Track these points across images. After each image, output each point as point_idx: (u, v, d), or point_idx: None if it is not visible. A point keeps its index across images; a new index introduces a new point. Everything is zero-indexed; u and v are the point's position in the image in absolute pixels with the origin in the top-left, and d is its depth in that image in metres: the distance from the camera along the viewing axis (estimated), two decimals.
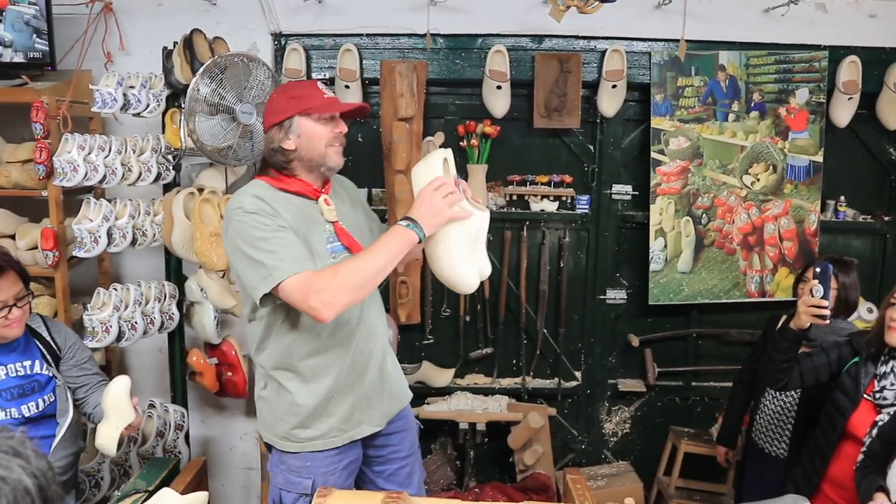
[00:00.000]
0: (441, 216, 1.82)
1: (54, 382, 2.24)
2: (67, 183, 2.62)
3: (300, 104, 1.91)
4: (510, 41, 3.22)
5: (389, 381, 2.11)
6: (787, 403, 2.68)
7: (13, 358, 2.17)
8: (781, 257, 3.38)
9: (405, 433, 2.18)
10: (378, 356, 2.07)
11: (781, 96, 3.29)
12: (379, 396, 2.07)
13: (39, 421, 2.20)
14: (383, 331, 2.12)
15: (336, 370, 1.97)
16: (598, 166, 3.40)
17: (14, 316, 2.09)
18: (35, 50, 2.83)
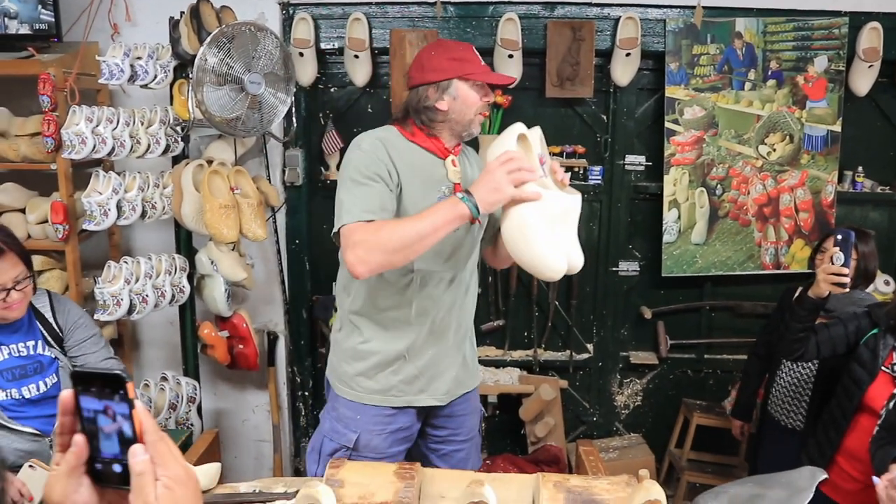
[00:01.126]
0: (500, 193, 1.65)
1: (57, 364, 2.21)
2: (76, 156, 2.60)
3: (462, 68, 1.87)
4: (522, 9, 3.16)
5: (464, 361, 2.10)
6: (804, 375, 2.65)
7: (15, 338, 2.15)
8: (797, 229, 3.34)
9: (466, 417, 2.15)
10: (460, 332, 2.06)
11: (799, 64, 3.22)
12: (449, 371, 2.05)
13: (42, 402, 2.18)
14: (470, 309, 2.10)
15: (415, 331, 1.98)
16: (610, 136, 3.35)
17: (13, 299, 2.05)
18: (41, 21, 2.80)
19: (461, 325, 2.06)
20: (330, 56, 3.26)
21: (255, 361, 3.15)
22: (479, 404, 2.25)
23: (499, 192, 1.65)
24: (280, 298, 3.38)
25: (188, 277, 2.96)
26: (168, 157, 2.90)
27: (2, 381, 2.11)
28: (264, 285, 3.33)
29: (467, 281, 2.05)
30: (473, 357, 2.16)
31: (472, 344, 2.16)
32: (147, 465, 0.76)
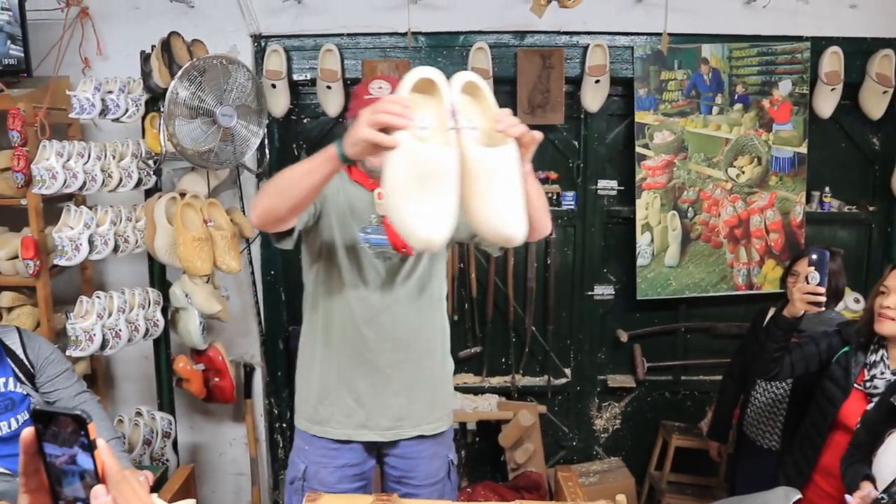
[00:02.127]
0: (356, 133, 1.45)
1: (29, 400, 2.17)
2: (46, 191, 2.58)
3: (352, 109, 1.92)
4: (492, 38, 3.20)
5: (412, 398, 2.01)
6: (778, 395, 2.68)
7: None
8: (768, 249, 3.38)
9: (422, 461, 2.06)
10: (403, 367, 1.99)
11: (765, 88, 3.29)
12: (390, 406, 2.00)
13: (13, 440, 2.12)
14: (419, 345, 2.00)
15: (335, 363, 1.98)
16: (583, 162, 3.38)
17: None
18: (10, 56, 2.79)
19: (405, 360, 1.98)
20: (302, 87, 3.28)
21: (232, 394, 3.12)
22: (449, 452, 2.12)
23: (355, 133, 1.47)
24: (256, 330, 3.36)
25: (162, 311, 2.94)
26: (140, 190, 2.88)
27: None
28: (240, 317, 3.31)
29: (413, 315, 1.97)
30: (433, 399, 2.05)
31: (433, 384, 2.05)
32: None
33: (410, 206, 1.46)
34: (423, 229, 1.46)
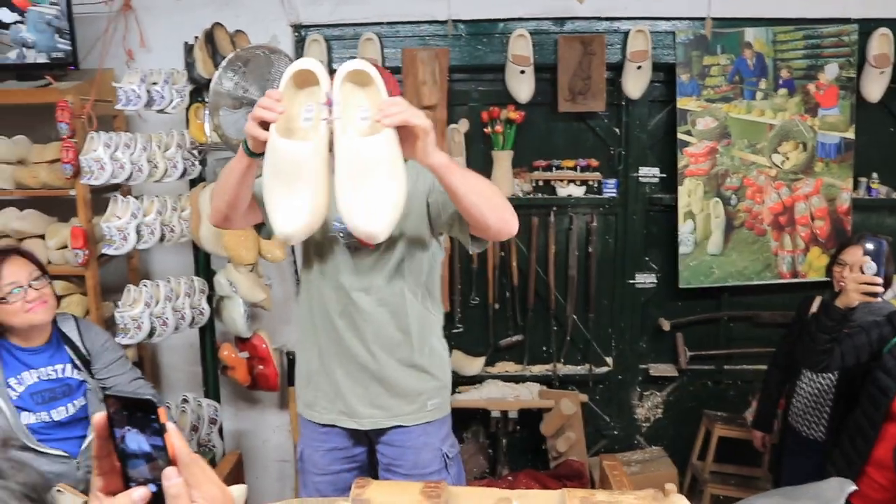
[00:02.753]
0: (245, 128, 1.55)
1: (85, 386, 2.25)
2: (94, 181, 2.63)
3: None
4: (532, 25, 3.18)
5: (388, 388, 2.00)
6: (825, 385, 2.63)
7: (44, 361, 2.19)
8: (813, 237, 3.32)
9: (407, 450, 2.03)
10: (377, 357, 1.97)
11: (810, 72, 3.22)
12: (364, 395, 2.00)
13: (70, 424, 2.21)
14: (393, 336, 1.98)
15: (316, 348, 2.00)
16: (624, 149, 3.35)
17: (32, 297, 2.09)
18: (58, 50, 2.84)
19: (378, 350, 1.97)
20: None
21: (276, 382, 3.16)
22: (442, 445, 2.07)
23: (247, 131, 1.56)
24: None
25: (207, 299, 2.98)
26: (185, 180, 2.92)
27: (32, 404, 2.13)
28: (282, 305, 3.34)
29: (385, 305, 1.95)
30: (412, 390, 2.01)
31: (412, 375, 2.01)
32: (181, 487, 0.77)
33: (272, 199, 1.52)
34: (279, 223, 1.52)
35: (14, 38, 2.81)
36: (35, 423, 2.14)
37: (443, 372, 2.08)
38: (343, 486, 2.00)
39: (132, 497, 0.78)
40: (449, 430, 2.12)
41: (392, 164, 1.50)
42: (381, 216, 1.49)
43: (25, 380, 2.14)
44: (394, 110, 1.49)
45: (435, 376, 2.05)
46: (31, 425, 2.13)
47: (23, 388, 2.14)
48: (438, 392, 2.07)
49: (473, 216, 1.69)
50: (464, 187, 1.63)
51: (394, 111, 1.49)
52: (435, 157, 1.57)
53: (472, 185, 1.66)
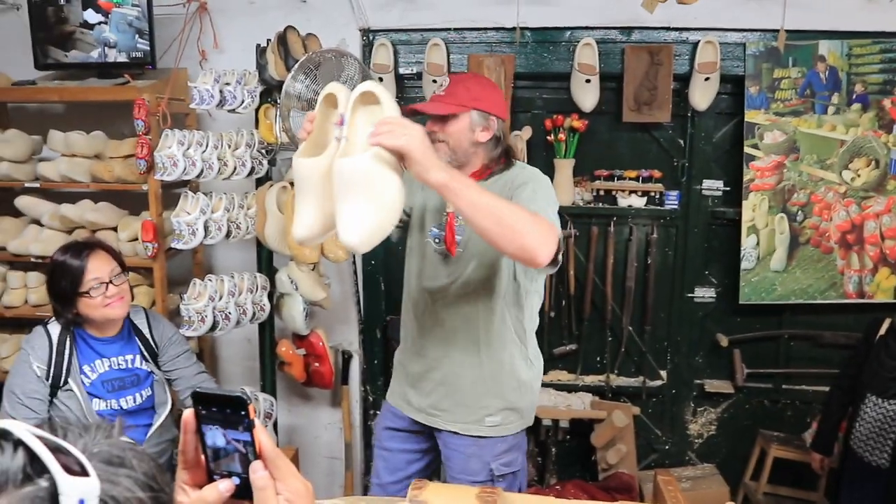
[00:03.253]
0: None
1: (152, 377, 2.33)
2: (168, 177, 2.71)
3: None
4: (599, 34, 3.16)
5: (453, 393, 2.12)
6: (891, 411, 2.56)
7: (115, 351, 2.27)
8: (882, 257, 3.23)
9: (458, 454, 2.16)
10: (445, 359, 2.11)
11: (886, 87, 3.14)
12: (426, 391, 2.17)
13: (137, 413, 2.30)
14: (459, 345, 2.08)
15: (405, 339, 2.25)
16: (688, 161, 3.31)
17: (112, 293, 2.17)
18: (137, 50, 2.94)
19: (446, 355, 2.10)
20: (408, 80, 3.32)
21: (331, 379, 3.21)
22: (492, 461, 2.13)
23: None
24: (355, 318, 3.43)
25: (268, 296, 3.04)
26: (252, 178, 2.99)
27: (103, 391, 2.21)
28: (340, 305, 3.39)
29: (459, 314, 2.05)
30: (474, 401, 2.10)
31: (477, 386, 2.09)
32: (268, 480, 0.80)
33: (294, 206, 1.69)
34: (293, 229, 1.68)
35: (97, 37, 2.92)
36: (104, 409, 2.22)
37: (515, 394, 2.13)
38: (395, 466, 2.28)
39: (219, 489, 0.81)
40: (509, 449, 2.16)
41: (368, 184, 1.53)
42: (355, 232, 1.53)
43: (98, 368, 2.23)
44: (383, 129, 1.53)
45: (501, 395, 2.11)
46: (100, 411, 2.21)
47: (95, 375, 2.22)
48: (501, 412, 2.12)
49: (487, 239, 1.69)
50: (469, 209, 1.62)
51: (377, 132, 1.53)
52: (431, 176, 1.57)
53: (482, 206, 1.63)
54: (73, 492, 0.54)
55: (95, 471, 0.58)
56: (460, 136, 1.98)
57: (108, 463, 0.61)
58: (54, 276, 2.17)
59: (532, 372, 2.17)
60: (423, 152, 1.54)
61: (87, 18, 2.91)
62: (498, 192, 1.87)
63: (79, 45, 2.98)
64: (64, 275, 2.14)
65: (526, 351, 2.15)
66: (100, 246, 2.21)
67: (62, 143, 2.99)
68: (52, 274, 2.18)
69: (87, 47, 2.96)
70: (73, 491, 0.54)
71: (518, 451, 2.20)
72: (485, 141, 2.00)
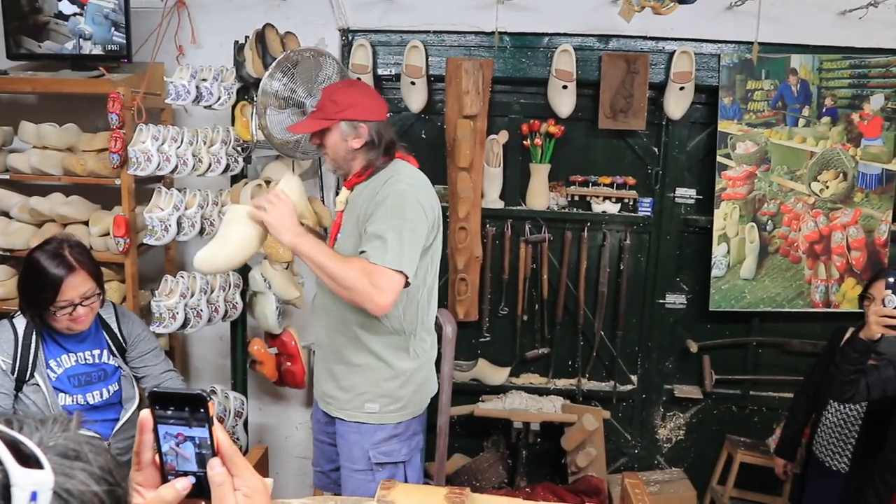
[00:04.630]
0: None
1: (120, 372, 2.30)
2: (141, 172, 2.68)
3: None
4: (577, 41, 3.19)
5: (332, 379, 2.29)
6: (851, 416, 2.62)
7: (83, 347, 2.24)
8: (849, 267, 3.30)
9: (342, 440, 2.30)
10: (329, 348, 2.29)
11: (855, 102, 3.21)
12: (321, 379, 2.35)
13: (104, 408, 2.27)
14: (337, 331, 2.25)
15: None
16: (661, 169, 3.35)
17: (79, 314, 2.13)
18: (112, 43, 2.91)
19: (330, 343, 2.28)
20: (386, 82, 3.32)
21: (303, 379, 3.19)
22: (371, 449, 2.24)
23: None
24: None
25: (241, 294, 3.02)
26: (227, 176, 2.97)
27: (69, 386, 2.19)
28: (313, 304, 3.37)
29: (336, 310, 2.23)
30: (352, 389, 2.25)
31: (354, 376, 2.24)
32: (226, 476, 0.81)
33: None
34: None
35: (72, 29, 2.89)
36: (71, 404, 2.19)
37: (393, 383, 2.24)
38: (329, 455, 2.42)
39: (177, 487, 0.81)
40: (388, 438, 2.25)
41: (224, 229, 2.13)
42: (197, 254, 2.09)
43: (64, 362, 2.20)
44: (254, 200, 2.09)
45: (376, 383, 2.22)
46: (66, 406, 2.18)
47: (61, 370, 2.19)
48: (379, 398, 2.23)
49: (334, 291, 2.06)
50: (314, 268, 2.04)
51: (258, 201, 2.06)
52: (284, 239, 2.02)
53: (323, 267, 2.00)
54: (25, 483, 0.54)
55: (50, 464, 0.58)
56: (336, 146, 2.20)
57: (64, 456, 0.60)
58: (28, 275, 2.12)
59: (415, 363, 2.25)
60: (275, 221, 2.01)
61: (62, 9, 2.88)
62: (367, 197, 2.14)
63: (53, 36, 2.95)
64: (37, 281, 2.09)
65: (407, 342, 2.24)
66: (81, 265, 2.13)
67: (34, 135, 2.96)
68: (27, 273, 2.12)
69: (61, 38, 2.93)
70: (26, 483, 0.54)
71: (401, 442, 2.27)
72: (359, 147, 2.18)
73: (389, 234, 2.02)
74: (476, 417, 3.32)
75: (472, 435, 3.51)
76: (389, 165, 2.20)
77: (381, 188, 2.12)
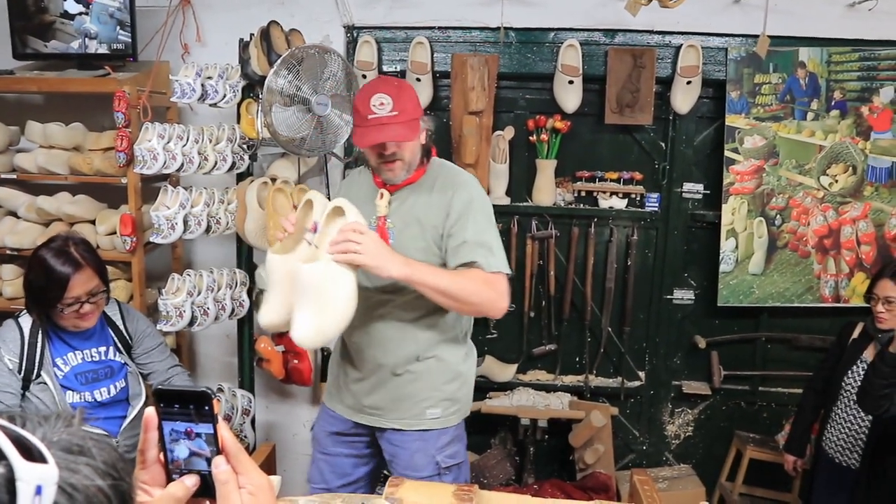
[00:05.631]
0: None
1: (126, 369, 2.31)
2: (147, 171, 2.69)
3: (354, 119, 2.05)
4: (583, 35, 3.18)
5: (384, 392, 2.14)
6: (861, 413, 2.59)
7: (89, 344, 2.25)
8: (858, 262, 3.27)
9: (401, 450, 2.17)
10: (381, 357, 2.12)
11: (864, 95, 3.18)
12: (363, 392, 2.17)
13: (111, 405, 2.28)
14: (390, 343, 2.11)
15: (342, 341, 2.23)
16: (669, 164, 3.33)
17: (85, 311, 2.14)
18: (118, 42, 2.92)
19: (383, 353, 2.11)
20: None
21: (310, 377, 3.19)
22: (437, 454, 2.16)
23: None
24: None
25: (248, 292, 3.02)
26: (233, 173, 2.97)
27: (76, 384, 2.20)
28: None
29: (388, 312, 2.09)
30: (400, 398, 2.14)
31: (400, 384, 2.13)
32: (230, 474, 0.81)
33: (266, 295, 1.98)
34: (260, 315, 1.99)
35: (78, 28, 2.90)
36: (78, 402, 2.20)
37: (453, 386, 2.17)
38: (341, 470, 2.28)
39: (186, 483, 0.81)
40: (452, 441, 2.19)
41: (320, 292, 1.78)
42: (305, 334, 1.81)
43: (70, 360, 2.21)
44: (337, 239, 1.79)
45: (438, 388, 2.15)
46: (74, 404, 2.19)
47: (68, 368, 2.20)
48: (441, 402, 2.16)
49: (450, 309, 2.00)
50: (430, 293, 1.90)
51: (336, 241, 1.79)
52: (392, 274, 1.83)
53: (441, 289, 1.89)
54: (30, 478, 0.54)
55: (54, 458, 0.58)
56: (415, 147, 2.02)
57: (68, 451, 0.60)
58: (35, 273, 2.12)
59: (467, 364, 2.22)
60: (376, 259, 1.79)
61: (68, 9, 2.89)
62: (430, 202, 2.03)
63: (59, 36, 2.95)
64: (44, 279, 2.09)
65: (464, 343, 2.20)
66: (87, 262, 2.13)
67: (40, 135, 2.96)
68: (33, 270, 2.13)
69: (67, 38, 2.93)
70: (31, 477, 0.54)
71: (460, 443, 2.23)
72: (423, 142, 2.07)
73: (491, 239, 1.99)
74: (483, 414, 3.32)
75: (480, 432, 3.50)
76: (437, 164, 2.12)
77: (453, 191, 2.02)
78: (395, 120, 1.93)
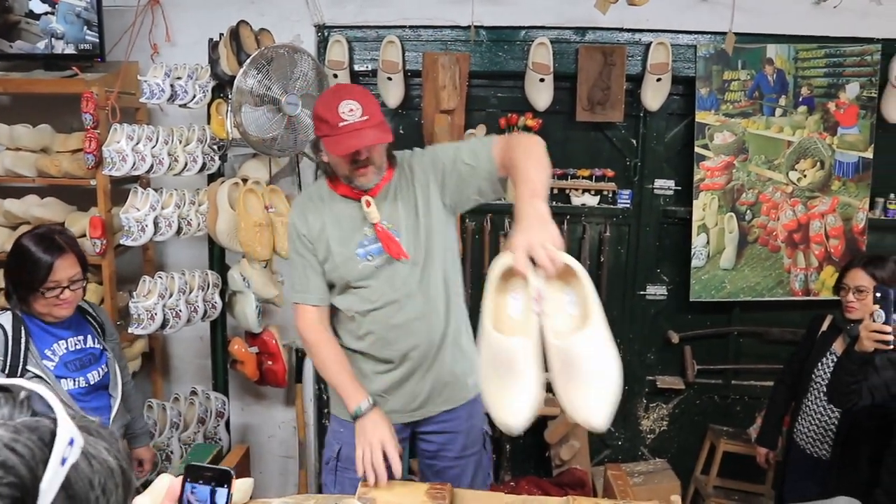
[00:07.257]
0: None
1: (106, 355, 2.32)
2: (116, 172, 2.67)
3: (319, 129, 1.93)
4: (553, 33, 3.19)
5: (433, 381, 2.09)
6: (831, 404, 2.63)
7: (69, 333, 2.25)
8: (827, 255, 3.32)
9: (455, 435, 2.15)
10: (419, 356, 2.06)
11: (831, 91, 3.22)
12: (404, 392, 2.10)
13: (98, 391, 2.29)
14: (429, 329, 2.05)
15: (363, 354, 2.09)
16: (640, 161, 3.36)
17: (65, 297, 2.14)
18: (85, 42, 2.89)
19: (415, 347, 2.05)
20: (363, 77, 3.31)
21: (284, 378, 3.18)
22: (480, 423, 2.18)
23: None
24: None
25: (220, 294, 3.01)
26: (204, 174, 2.95)
27: (68, 371, 2.20)
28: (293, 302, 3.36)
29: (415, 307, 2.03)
30: (451, 371, 2.10)
31: (453, 359, 2.10)
32: None
33: (490, 390, 1.54)
34: (500, 414, 1.51)
35: (44, 28, 2.86)
36: (74, 388, 2.20)
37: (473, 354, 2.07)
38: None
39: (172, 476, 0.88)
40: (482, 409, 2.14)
41: (600, 353, 1.49)
42: (603, 414, 1.47)
43: (58, 350, 2.20)
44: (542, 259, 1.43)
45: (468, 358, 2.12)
46: (71, 391, 2.19)
47: (57, 358, 2.20)
48: (472, 373, 2.11)
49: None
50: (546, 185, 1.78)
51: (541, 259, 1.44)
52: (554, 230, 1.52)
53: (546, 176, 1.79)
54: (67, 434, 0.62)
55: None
56: (383, 150, 1.98)
57: (87, 432, 0.67)
58: (17, 261, 2.12)
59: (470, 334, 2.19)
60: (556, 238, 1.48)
61: (33, 8, 2.85)
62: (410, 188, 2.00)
63: (24, 36, 2.91)
64: (28, 266, 2.09)
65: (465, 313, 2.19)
66: (71, 248, 2.14)
67: (7, 137, 2.92)
68: (16, 256, 2.13)
69: (33, 38, 2.89)
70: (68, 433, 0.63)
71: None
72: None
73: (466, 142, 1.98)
74: None
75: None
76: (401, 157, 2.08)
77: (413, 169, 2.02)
78: (367, 124, 1.89)
